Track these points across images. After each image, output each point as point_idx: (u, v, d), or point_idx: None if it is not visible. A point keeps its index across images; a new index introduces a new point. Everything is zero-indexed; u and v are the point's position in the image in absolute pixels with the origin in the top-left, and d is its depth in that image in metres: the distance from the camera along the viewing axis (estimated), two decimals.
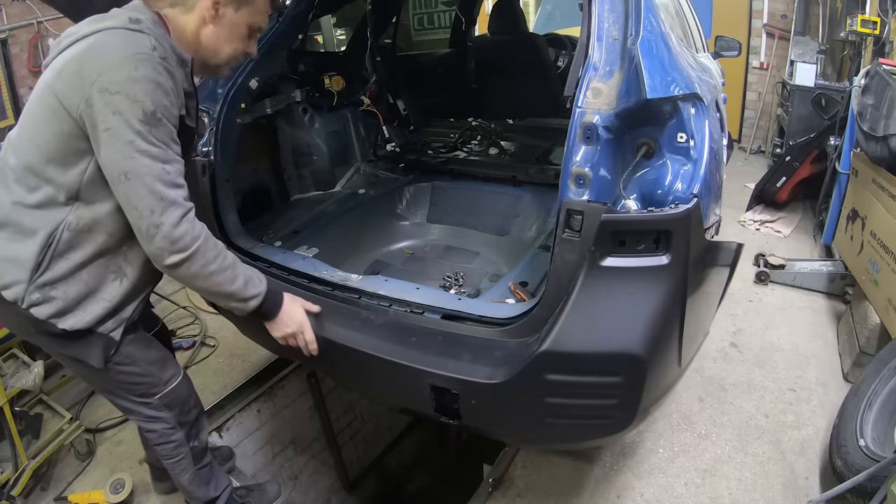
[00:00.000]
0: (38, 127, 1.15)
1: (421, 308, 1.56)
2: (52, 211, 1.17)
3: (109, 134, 1.08)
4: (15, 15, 4.10)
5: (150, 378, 1.42)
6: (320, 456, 3.01)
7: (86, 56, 1.10)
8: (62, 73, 1.11)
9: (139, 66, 1.08)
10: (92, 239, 1.20)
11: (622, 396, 1.29)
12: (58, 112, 1.11)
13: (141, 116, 1.08)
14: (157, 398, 1.44)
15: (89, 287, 1.23)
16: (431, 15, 6.01)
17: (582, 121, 1.24)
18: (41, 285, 1.19)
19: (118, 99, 1.06)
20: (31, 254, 1.17)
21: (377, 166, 2.79)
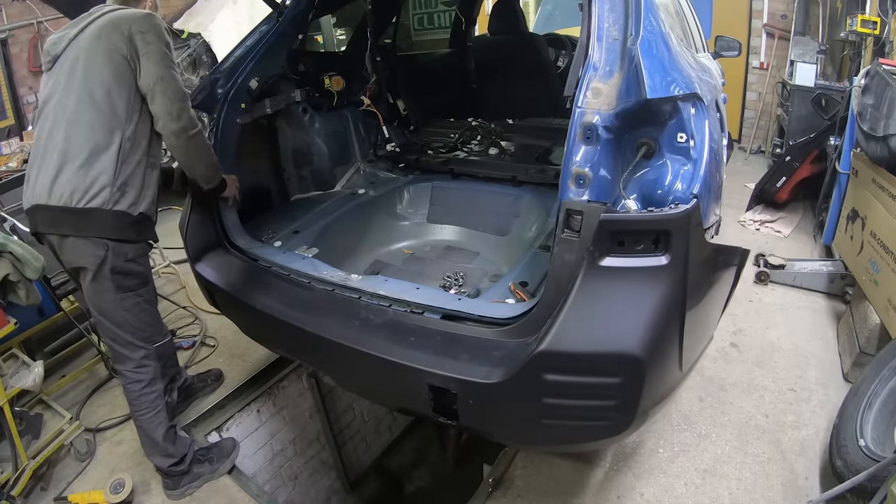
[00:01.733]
0: (96, 71, 1.61)
1: (421, 308, 1.56)
2: (114, 131, 1.62)
3: (149, 55, 1.61)
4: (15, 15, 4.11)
5: (155, 324, 1.83)
6: (320, 456, 3.01)
7: (116, 19, 1.63)
8: (101, 35, 1.61)
9: (153, 18, 1.66)
10: (140, 144, 1.67)
11: (620, 398, 1.29)
12: (110, 54, 1.60)
13: (164, 44, 1.64)
14: (154, 346, 1.82)
15: (143, 179, 1.69)
16: (431, 15, 6.01)
17: (582, 121, 1.24)
18: (120, 185, 1.62)
19: (150, 35, 1.62)
20: (110, 164, 1.61)
21: (377, 166, 2.79)
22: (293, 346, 1.90)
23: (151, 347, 1.81)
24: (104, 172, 1.60)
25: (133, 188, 1.66)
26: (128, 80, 1.62)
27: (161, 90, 1.62)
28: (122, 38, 1.59)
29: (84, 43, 1.63)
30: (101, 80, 1.60)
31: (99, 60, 1.61)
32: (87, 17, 1.68)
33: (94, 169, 1.60)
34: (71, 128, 1.62)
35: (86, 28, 1.65)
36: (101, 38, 1.61)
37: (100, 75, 1.61)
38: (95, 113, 1.61)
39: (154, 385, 1.83)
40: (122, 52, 1.60)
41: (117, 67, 1.61)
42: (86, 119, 1.61)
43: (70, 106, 1.62)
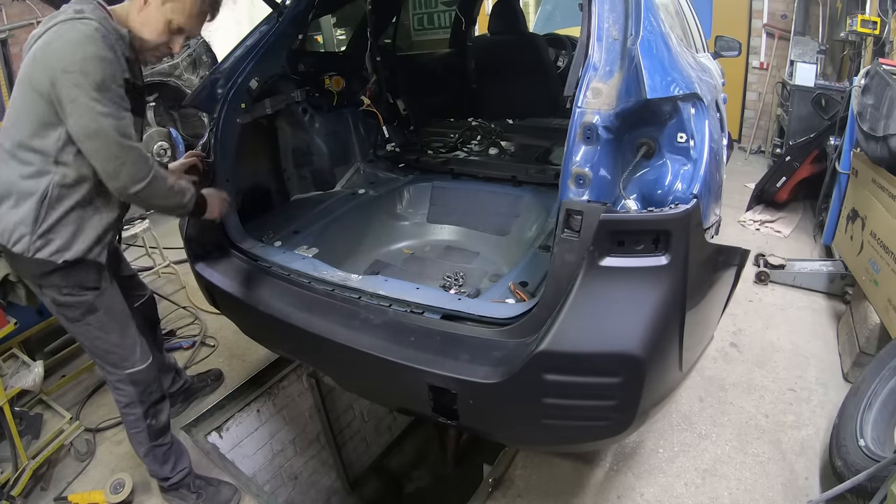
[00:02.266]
0: (20, 111, 1.43)
1: (421, 308, 1.56)
2: (42, 176, 1.45)
3: (74, 104, 1.34)
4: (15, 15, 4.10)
5: (119, 351, 1.69)
6: (320, 456, 3.01)
7: (46, 47, 1.37)
8: (32, 65, 1.39)
9: (87, 47, 1.35)
10: (75, 190, 1.48)
11: (620, 398, 1.29)
12: (32, 95, 1.39)
13: (95, 86, 1.34)
14: (125, 373, 1.70)
15: (77, 225, 1.51)
16: (431, 15, 6.01)
17: (582, 121, 1.24)
18: (42, 233, 1.46)
19: (76, 76, 1.33)
20: (31, 211, 1.45)
21: (377, 166, 2.79)
22: (293, 347, 1.89)
23: (122, 373, 1.70)
24: (24, 221, 1.45)
25: (60, 236, 1.48)
26: (54, 123, 1.40)
27: (91, 148, 1.38)
28: (47, 77, 1.35)
29: (22, 69, 1.44)
30: (25, 122, 1.42)
31: (25, 97, 1.41)
32: (40, 29, 1.43)
33: (17, 213, 1.46)
34: (4, 164, 1.47)
35: (34, 44, 1.41)
36: (30, 70, 1.39)
37: (23, 118, 1.42)
38: (24, 152, 1.44)
39: (132, 409, 1.76)
40: (45, 96, 1.37)
41: (40, 112, 1.40)
42: (18, 156, 1.45)
43: (6, 138, 1.47)
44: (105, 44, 1.37)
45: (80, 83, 1.33)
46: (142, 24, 1.49)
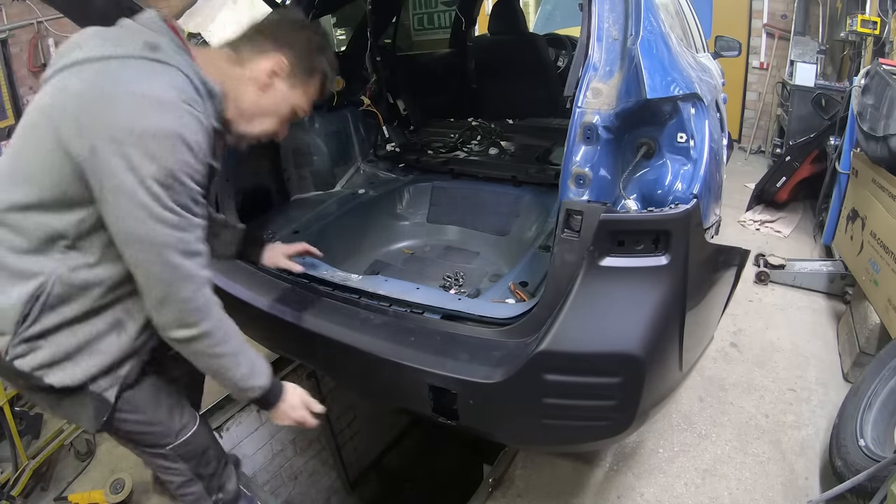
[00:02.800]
0: (31, 161, 0.99)
1: (421, 308, 1.56)
2: (41, 259, 1.02)
3: (120, 192, 0.93)
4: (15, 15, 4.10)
5: (157, 427, 1.24)
6: (320, 456, 3.01)
7: (95, 90, 0.94)
8: (66, 107, 0.94)
9: (161, 115, 0.93)
10: (87, 293, 1.05)
11: (620, 397, 1.29)
12: (56, 151, 0.95)
13: (160, 177, 0.93)
14: (170, 448, 1.26)
15: (82, 340, 1.07)
16: (431, 15, 6.00)
17: (582, 121, 1.24)
18: (29, 338, 1.03)
19: (133, 153, 0.91)
20: (15, 305, 1.01)
21: (377, 166, 2.79)
22: (293, 347, 1.89)
23: (166, 450, 1.28)
24: (8, 313, 1.02)
25: (52, 346, 1.05)
26: (82, 201, 0.98)
27: (134, 257, 0.99)
28: (86, 137, 0.92)
29: (47, 100, 0.98)
30: (35, 180, 0.99)
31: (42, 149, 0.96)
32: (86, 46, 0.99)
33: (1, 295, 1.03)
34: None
35: (71, 69, 0.97)
36: (60, 114, 0.94)
37: (34, 173, 0.99)
38: (23, 219, 1.01)
39: (188, 488, 1.36)
40: (76, 162, 0.94)
41: (63, 180, 0.96)
42: (11, 221, 1.01)
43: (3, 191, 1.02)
44: (189, 115, 0.97)
45: (136, 166, 0.91)
46: (257, 105, 1.16)
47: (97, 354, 1.09)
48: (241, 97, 1.14)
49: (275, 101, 1.18)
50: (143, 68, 0.97)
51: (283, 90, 1.18)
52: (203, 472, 1.36)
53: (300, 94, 1.21)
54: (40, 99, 1.01)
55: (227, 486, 1.44)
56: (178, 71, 1.00)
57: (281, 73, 1.16)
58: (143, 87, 0.94)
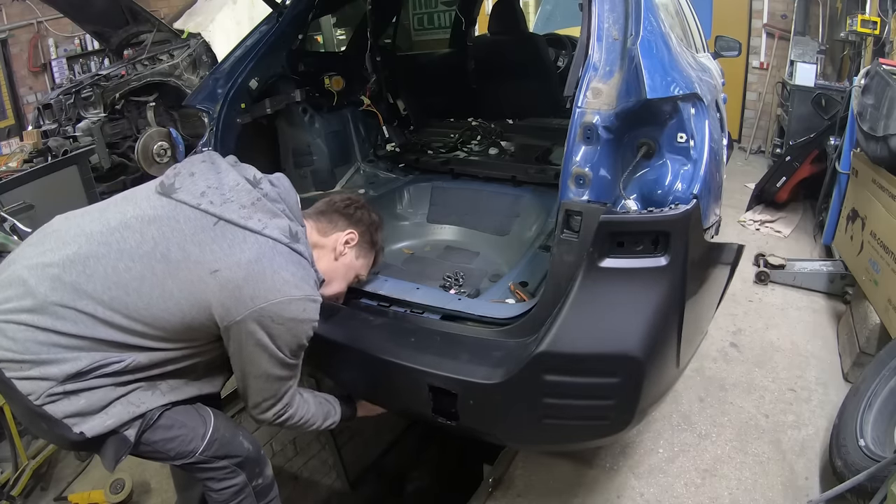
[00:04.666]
0: (163, 300, 1.09)
1: (421, 308, 1.56)
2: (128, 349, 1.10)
3: (258, 348, 1.12)
4: (15, 15, 4.11)
5: (179, 431, 1.23)
6: (320, 456, 3.01)
7: (254, 273, 1.10)
8: (219, 275, 1.08)
9: (307, 307, 1.15)
10: (147, 372, 1.15)
11: (620, 397, 1.29)
12: (200, 307, 1.09)
13: (294, 348, 1.17)
14: (199, 454, 1.25)
15: (118, 393, 1.12)
16: (431, 15, 6.00)
17: (582, 121, 1.24)
18: (70, 389, 1.07)
19: (280, 330, 1.12)
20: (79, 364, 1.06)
21: (377, 166, 2.79)
22: None
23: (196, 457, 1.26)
24: (62, 364, 1.05)
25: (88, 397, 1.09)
26: (199, 326, 1.12)
27: (247, 385, 1.20)
28: (236, 308, 1.07)
29: (191, 247, 1.10)
30: (150, 314, 1.09)
31: (168, 289, 1.08)
32: (236, 194, 1.16)
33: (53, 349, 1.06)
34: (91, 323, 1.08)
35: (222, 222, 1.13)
36: (211, 279, 1.08)
37: (151, 305, 1.08)
38: (125, 322, 1.09)
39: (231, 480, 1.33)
40: (217, 320, 1.10)
41: (183, 319, 1.10)
42: (109, 316, 1.08)
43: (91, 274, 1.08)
44: (316, 301, 1.18)
45: (279, 336, 1.12)
46: (334, 271, 1.41)
47: (129, 405, 1.14)
48: (321, 263, 1.35)
49: (345, 267, 1.44)
50: (291, 259, 1.17)
51: (351, 258, 1.45)
52: (243, 461, 1.34)
53: (363, 262, 1.49)
54: (180, 235, 1.12)
55: (266, 470, 1.44)
56: (310, 263, 1.22)
57: (352, 243, 1.43)
58: (295, 281, 1.14)
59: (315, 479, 2.99)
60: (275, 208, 1.20)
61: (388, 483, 3.45)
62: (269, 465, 1.47)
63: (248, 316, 1.08)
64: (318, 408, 1.40)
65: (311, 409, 1.36)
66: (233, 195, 1.17)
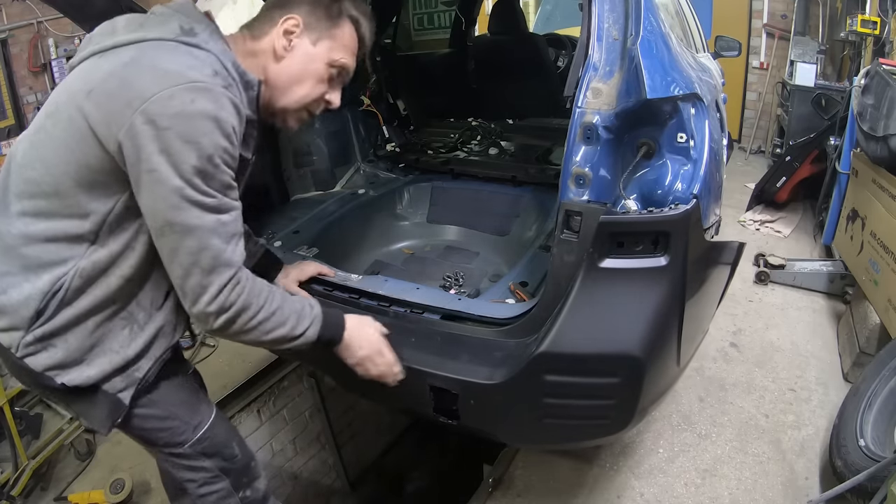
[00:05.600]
0: (56, 151, 0.96)
1: (421, 308, 1.56)
2: (62, 250, 0.99)
3: (153, 177, 0.90)
4: (15, 15, 4.10)
5: (173, 422, 1.16)
6: (320, 456, 3.01)
7: (127, 74, 0.91)
8: (94, 92, 0.92)
9: (196, 97, 0.90)
10: (103, 283, 1.02)
11: (621, 397, 1.29)
12: (85, 138, 0.93)
13: (194, 161, 0.90)
14: (188, 446, 1.17)
15: (95, 336, 1.04)
16: (431, 15, 5.99)
17: (582, 121, 1.24)
18: (41, 336, 1.01)
19: (167, 136, 0.88)
20: (30, 299, 0.99)
21: (377, 166, 2.79)
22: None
23: (185, 448, 1.19)
24: (17, 309, 1.00)
25: (65, 346, 1.02)
26: (109, 188, 0.97)
27: (169, 246, 0.96)
28: (118, 120, 0.90)
29: (74, 85, 0.96)
30: (60, 170, 0.96)
31: (63, 136, 0.95)
32: (115, 32, 0.99)
33: (8, 291, 1.00)
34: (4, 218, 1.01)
35: (100, 56, 0.97)
36: (89, 100, 0.92)
37: (59, 163, 0.96)
38: (42, 210, 0.98)
39: (213, 485, 1.24)
40: (106, 145, 0.92)
41: (91, 165, 0.94)
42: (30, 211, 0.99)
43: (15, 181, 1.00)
44: (226, 98, 0.94)
45: (174, 151, 0.89)
46: (286, 72, 1.09)
47: (110, 353, 1.06)
48: (268, 72, 1.09)
49: (301, 63, 1.09)
50: (178, 51, 0.95)
51: (305, 48, 1.09)
52: (230, 467, 1.25)
53: (329, 46, 1.11)
54: (69, 84, 0.98)
55: (257, 483, 1.33)
56: (215, 57, 0.97)
57: (296, 30, 1.08)
58: (180, 70, 0.91)
59: (315, 479, 2.99)
60: (162, 19, 1.00)
61: (388, 483, 3.45)
62: (263, 480, 1.37)
63: (131, 127, 0.88)
64: (284, 301, 1.09)
65: (272, 298, 1.07)
66: (124, 24, 1.01)
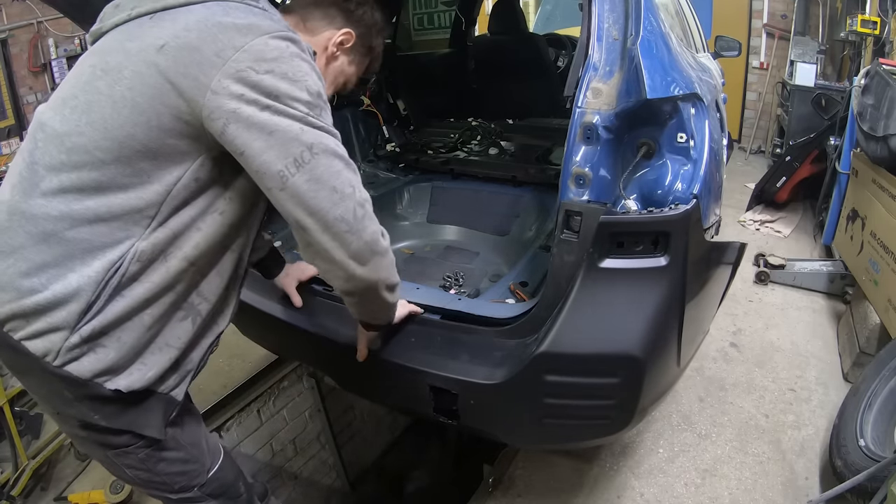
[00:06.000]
0: (118, 111, 0.84)
1: (420, 308, 1.56)
2: (116, 230, 0.86)
3: (264, 114, 0.83)
4: (15, 15, 4.10)
5: (193, 466, 1.08)
6: (320, 456, 3.01)
7: (207, 27, 0.84)
8: (169, 46, 0.83)
9: (289, 44, 0.86)
10: (163, 267, 0.90)
11: (621, 397, 1.29)
12: (162, 94, 0.83)
13: (306, 97, 0.86)
14: (198, 489, 1.10)
15: (152, 331, 0.92)
16: (431, 15, 5.99)
17: (582, 121, 1.24)
18: (89, 336, 0.86)
19: (271, 79, 0.83)
20: (82, 291, 0.84)
21: (377, 166, 2.79)
22: (293, 347, 1.89)
23: (194, 492, 1.11)
24: (68, 304, 0.85)
25: (117, 345, 0.89)
26: (174, 153, 0.87)
27: (311, 176, 0.87)
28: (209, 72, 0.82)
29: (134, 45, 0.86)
30: (123, 134, 0.84)
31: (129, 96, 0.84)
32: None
33: (51, 285, 0.85)
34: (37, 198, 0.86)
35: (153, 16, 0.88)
36: (163, 56, 0.83)
37: (122, 126, 0.84)
38: (80, 178, 0.85)
39: None
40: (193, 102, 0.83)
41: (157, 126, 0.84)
42: (72, 189, 0.85)
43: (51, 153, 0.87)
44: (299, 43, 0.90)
45: (282, 91, 0.84)
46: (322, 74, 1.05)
47: (168, 348, 0.95)
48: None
49: (334, 72, 1.16)
50: (252, 10, 0.90)
51: (343, 63, 1.16)
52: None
53: (354, 69, 1.20)
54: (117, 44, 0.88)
55: None
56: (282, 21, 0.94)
57: (347, 44, 1.13)
58: (262, 22, 0.87)
59: (315, 479, 2.99)
60: None
61: (388, 483, 3.45)
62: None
63: (222, 76, 0.81)
64: None
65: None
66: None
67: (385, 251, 0.99)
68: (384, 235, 0.98)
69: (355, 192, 0.91)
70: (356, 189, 0.91)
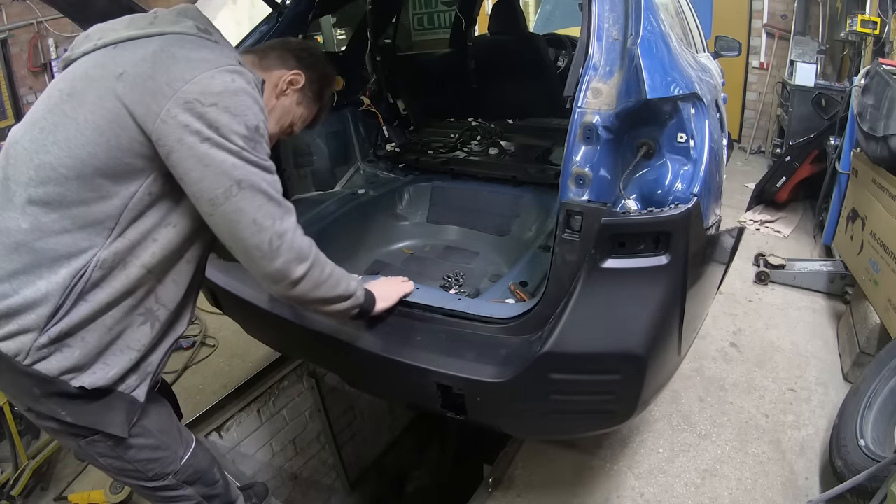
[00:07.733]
0: (81, 132, 0.94)
1: (421, 308, 1.56)
2: (80, 240, 0.95)
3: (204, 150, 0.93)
4: (15, 15, 4.11)
5: (164, 453, 1.16)
6: (320, 456, 3.01)
7: (161, 59, 0.95)
8: (127, 75, 0.94)
9: (235, 77, 0.96)
10: (122, 274, 0.99)
11: (623, 392, 1.31)
12: (119, 118, 0.93)
13: (244, 131, 0.96)
14: (173, 476, 1.17)
15: (113, 333, 1.01)
16: (431, 15, 6.00)
17: (582, 121, 1.24)
18: (56, 336, 0.95)
19: (214, 112, 0.92)
20: (50, 296, 0.94)
21: (377, 166, 2.79)
22: (296, 346, 1.89)
23: (169, 480, 1.18)
24: (37, 307, 0.94)
25: (82, 345, 0.98)
26: (130, 170, 0.96)
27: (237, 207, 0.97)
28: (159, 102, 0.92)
29: (97, 72, 0.97)
30: (85, 153, 0.94)
31: (90, 119, 0.94)
32: (128, 28, 1.01)
33: (21, 291, 0.94)
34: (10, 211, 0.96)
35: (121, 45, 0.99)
36: (121, 83, 0.94)
37: (83, 145, 0.94)
38: (48, 193, 0.94)
39: None
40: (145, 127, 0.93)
41: (117, 146, 0.94)
42: (42, 203, 0.95)
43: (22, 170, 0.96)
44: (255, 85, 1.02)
45: (222, 123, 0.93)
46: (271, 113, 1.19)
47: (128, 350, 1.04)
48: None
49: (282, 110, 1.24)
50: (204, 44, 1.01)
51: (291, 102, 1.24)
52: (211, 493, 1.27)
53: (302, 112, 1.28)
54: (83, 71, 0.99)
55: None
56: (233, 54, 1.05)
57: (297, 85, 1.23)
58: (214, 57, 0.98)
59: (315, 479, 2.99)
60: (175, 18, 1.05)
61: (388, 483, 3.45)
62: (241, 500, 1.40)
63: (172, 105, 0.91)
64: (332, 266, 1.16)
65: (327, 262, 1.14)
66: (128, 22, 1.04)
67: (300, 277, 1.06)
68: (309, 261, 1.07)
69: (274, 225, 1.01)
70: (276, 221, 1.02)
